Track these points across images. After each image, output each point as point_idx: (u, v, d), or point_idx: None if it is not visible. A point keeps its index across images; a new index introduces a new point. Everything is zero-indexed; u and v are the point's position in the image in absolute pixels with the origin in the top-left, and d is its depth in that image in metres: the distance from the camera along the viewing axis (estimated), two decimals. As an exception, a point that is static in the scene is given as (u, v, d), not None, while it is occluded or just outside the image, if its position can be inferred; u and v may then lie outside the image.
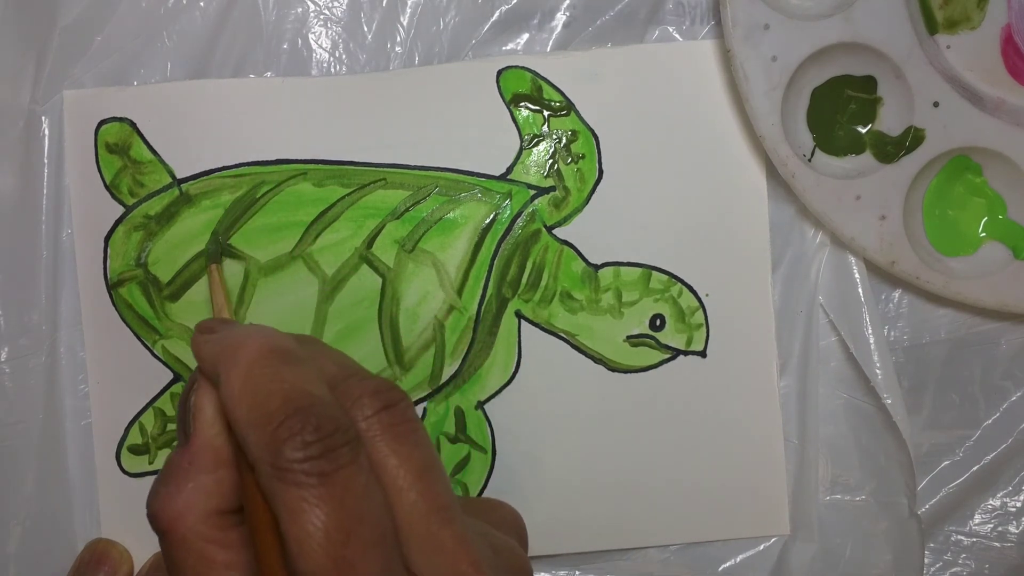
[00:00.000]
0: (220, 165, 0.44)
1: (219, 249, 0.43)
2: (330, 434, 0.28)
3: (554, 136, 0.44)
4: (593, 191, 0.44)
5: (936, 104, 0.42)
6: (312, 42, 0.44)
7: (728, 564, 0.45)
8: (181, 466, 0.30)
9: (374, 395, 0.30)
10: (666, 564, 0.45)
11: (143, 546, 0.44)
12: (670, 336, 0.45)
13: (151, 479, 0.44)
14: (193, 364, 0.43)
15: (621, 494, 0.45)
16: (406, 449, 0.30)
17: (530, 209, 0.44)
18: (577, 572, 0.45)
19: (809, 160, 0.43)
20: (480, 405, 0.44)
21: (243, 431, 0.28)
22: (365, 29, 0.44)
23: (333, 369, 0.31)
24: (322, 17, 0.44)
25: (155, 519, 0.30)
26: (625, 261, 0.44)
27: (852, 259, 0.44)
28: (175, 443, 0.43)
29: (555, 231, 0.44)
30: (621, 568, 0.45)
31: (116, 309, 0.44)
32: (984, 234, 0.44)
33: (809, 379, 0.44)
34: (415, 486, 0.29)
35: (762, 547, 0.45)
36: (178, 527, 0.29)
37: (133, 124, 0.43)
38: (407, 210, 0.44)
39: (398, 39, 0.44)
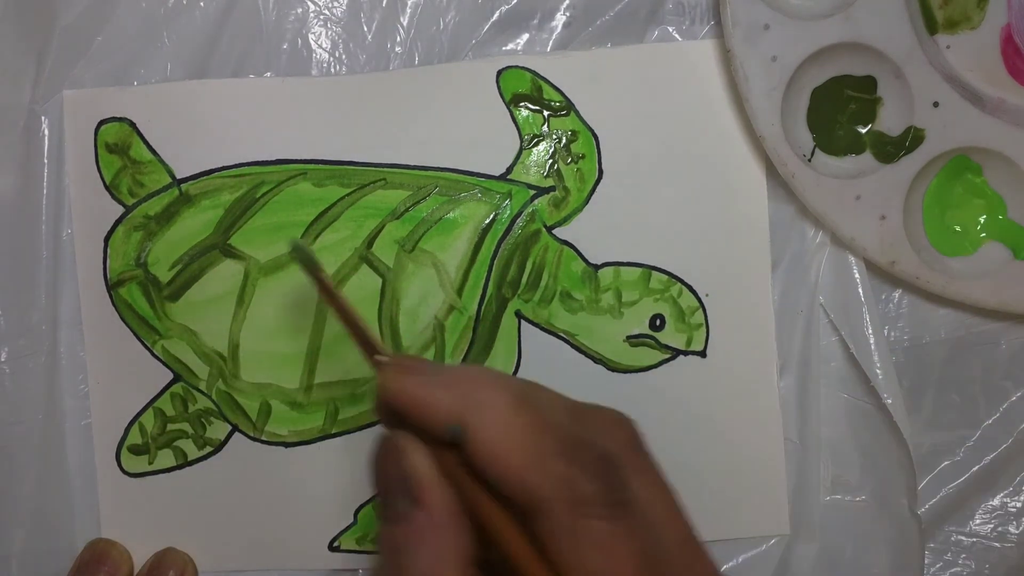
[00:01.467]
0: (220, 165, 0.44)
1: (310, 253, 0.37)
2: (614, 462, 0.27)
3: (554, 136, 0.44)
4: (593, 191, 0.44)
5: (936, 104, 0.42)
6: (312, 42, 0.44)
7: (729, 564, 0.45)
8: (418, 533, 0.28)
9: (616, 426, 0.30)
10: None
11: (143, 546, 0.44)
12: (670, 336, 0.45)
13: (151, 479, 0.44)
14: (192, 364, 0.44)
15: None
16: (658, 479, 0.29)
17: (530, 209, 0.44)
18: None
19: (809, 160, 0.43)
20: (480, 405, 0.44)
21: (519, 475, 0.27)
22: (365, 29, 0.44)
23: (562, 409, 0.30)
24: (322, 17, 0.44)
25: None
26: (625, 261, 0.44)
27: (852, 259, 0.44)
28: (176, 442, 0.44)
29: (555, 231, 0.44)
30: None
31: (116, 309, 0.44)
32: (984, 234, 0.44)
33: (810, 379, 0.44)
34: (676, 517, 0.29)
35: (763, 547, 0.45)
36: None
37: (133, 124, 0.43)
38: (407, 210, 0.44)
39: (398, 39, 0.44)
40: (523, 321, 0.44)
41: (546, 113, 0.44)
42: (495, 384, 0.29)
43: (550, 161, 0.44)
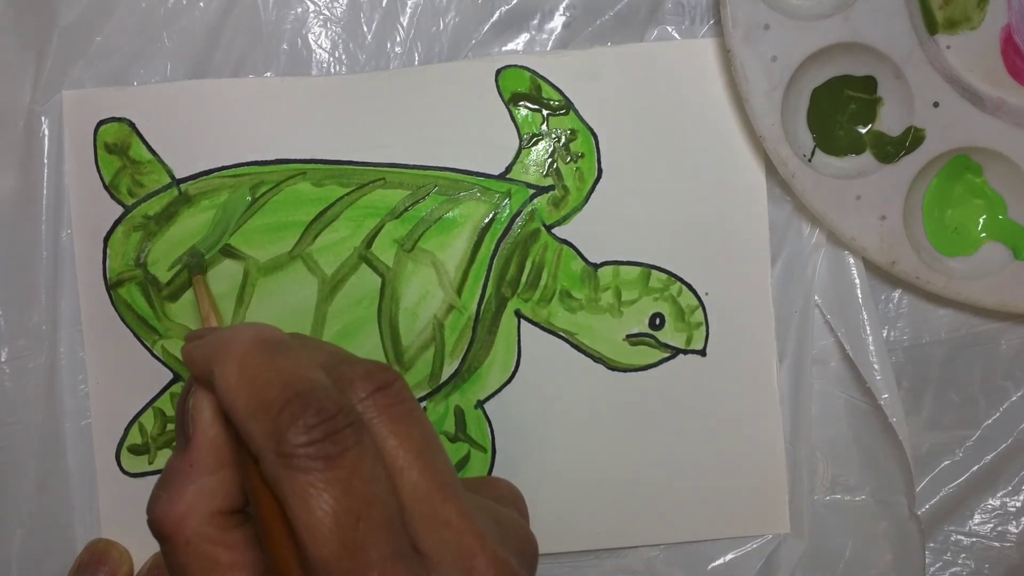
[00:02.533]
0: (219, 165, 0.44)
1: (201, 261, 0.43)
2: (332, 416, 0.27)
3: (553, 135, 0.44)
4: (592, 190, 0.44)
5: (936, 104, 0.42)
6: (312, 42, 0.44)
7: (729, 563, 0.45)
8: (182, 469, 0.30)
9: (366, 377, 0.30)
10: (659, 562, 0.45)
11: (143, 546, 0.44)
12: (669, 335, 0.45)
13: (151, 479, 0.44)
14: (192, 364, 0.43)
15: (621, 493, 0.45)
16: (404, 428, 0.29)
17: (529, 208, 0.44)
18: (575, 570, 0.45)
19: (809, 160, 0.43)
20: (480, 404, 0.44)
21: (244, 422, 0.28)
22: (365, 29, 0.44)
23: (323, 357, 0.31)
24: (322, 17, 0.44)
25: (157, 524, 0.30)
26: (624, 260, 0.44)
27: (850, 258, 0.44)
28: (174, 444, 0.44)
29: (554, 230, 0.44)
30: (618, 567, 0.45)
31: (116, 309, 0.44)
32: (984, 234, 0.44)
33: (803, 378, 0.44)
34: (416, 464, 0.29)
35: (762, 546, 0.45)
36: (181, 531, 0.29)
37: (132, 124, 0.43)
38: (406, 209, 0.44)
39: (398, 39, 0.44)
40: (523, 320, 0.44)
41: (545, 112, 0.44)
42: (243, 336, 0.30)
43: (549, 160, 0.44)
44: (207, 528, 0.29)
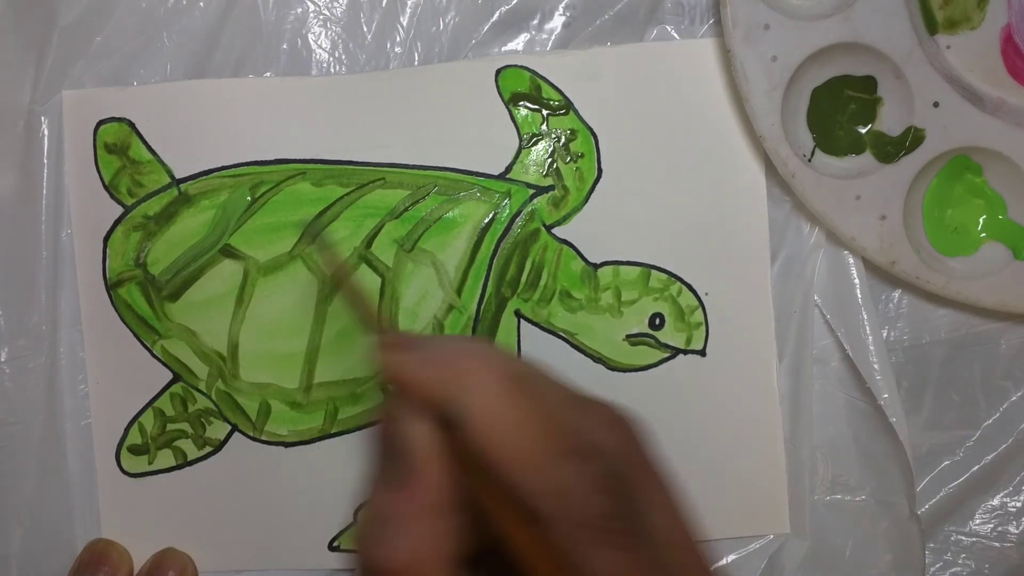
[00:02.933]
0: (219, 165, 0.44)
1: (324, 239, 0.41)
2: (624, 479, 0.25)
3: (553, 135, 0.44)
4: (592, 190, 0.44)
5: (936, 104, 0.42)
6: (312, 42, 0.44)
7: (729, 563, 0.45)
8: (404, 510, 0.27)
9: (611, 425, 0.27)
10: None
11: (143, 546, 0.44)
12: (669, 335, 0.44)
13: (151, 479, 0.44)
14: (191, 364, 0.44)
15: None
16: (665, 494, 0.27)
17: (529, 208, 0.44)
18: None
19: (809, 160, 0.43)
20: (480, 404, 0.44)
21: (516, 475, 0.25)
22: (365, 29, 0.44)
23: (564, 392, 0.28)
24: (322, 17, 0.44)
25: (382, 572, 0.26)
26: (624, 260, 0.44)
27: (850, 258, 0.44)
28: (176, 442, 0.44)
29: (554, 230, 0.44)
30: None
31: (115, 309, 0.44)
32: (984, 234, 0.44)
33: (803, 378, 0.44)
34: (684, 538, 0.27)
35: (763, 546, 0.45)
36: None
37: (132, 124, 0.44)
38: (406, 210, 0.44)
39: (398, 39, 0.44)
40: (522, 320, 0.44)
41: (545, 112, 0.44)
42: (488, 364, 0.27)
43: (549, 160, 0.44)
44: None
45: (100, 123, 0.44)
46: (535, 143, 0.44)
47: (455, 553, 0.27)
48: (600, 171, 0.44)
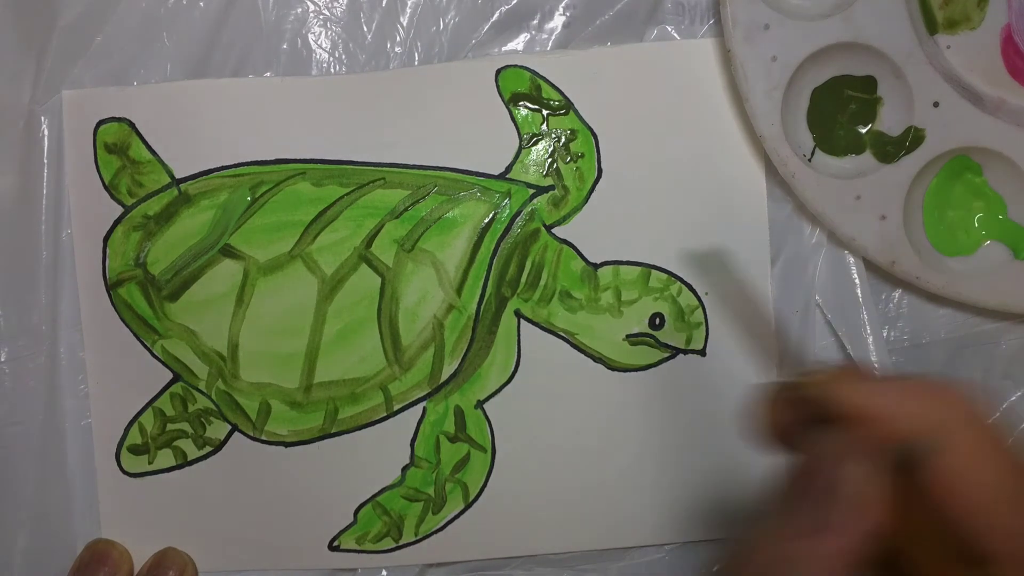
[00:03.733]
0: (219, 165, 0.44)
1: None
2: None
3: (553, 135, 0.44)
4: (592, 190, 0.44)
5: (936, 104, 0.42)
6: (312, 42, 0.44)
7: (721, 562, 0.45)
8: (819, 558, 0.24)
9: None
10: (661, 563, 0.45)
11: (143, 546, 0.44)
12: (669, 335, 0.44)
13: (151, 479, 0.44)
14: (191, 363, 0.44)
15: (621, 493, 0.45)
16: None
17: (529, 208, 0.44)
18: (576, 571, 0.45)
19: (809, 160, 0.43)
20: (480, 404, 0.44)
21: (978, 518, 0.24)
22: (365, 29, 0.44)
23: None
24: (322, 17, 0.44)
25: None
26: (624, 260, 0.44)
27: (851, 258, 0.44)
28: (176, 442, 0.44)
29: (554, 230, 0.44)
30: (620, 567, 0.45)
31: (115, 309, 0.44)
32: (984, 234, 0.44)
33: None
34: None
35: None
36: None
37: (132, 124, 0.44)
38: (406, 209, 0.44)
39: (398, 39, 0.44)
40: (522, 320, 0.44)
41: (545, 112, 0.44)
42: (967, 401, 0.25)
43: (549, 160, 0.44)
44: None
45: (100, 123, 0.44)
46: (535, 143, 0.44)
47: None
48: (600, 171, 0.44)
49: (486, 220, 0.44)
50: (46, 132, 0.43)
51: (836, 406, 0.25)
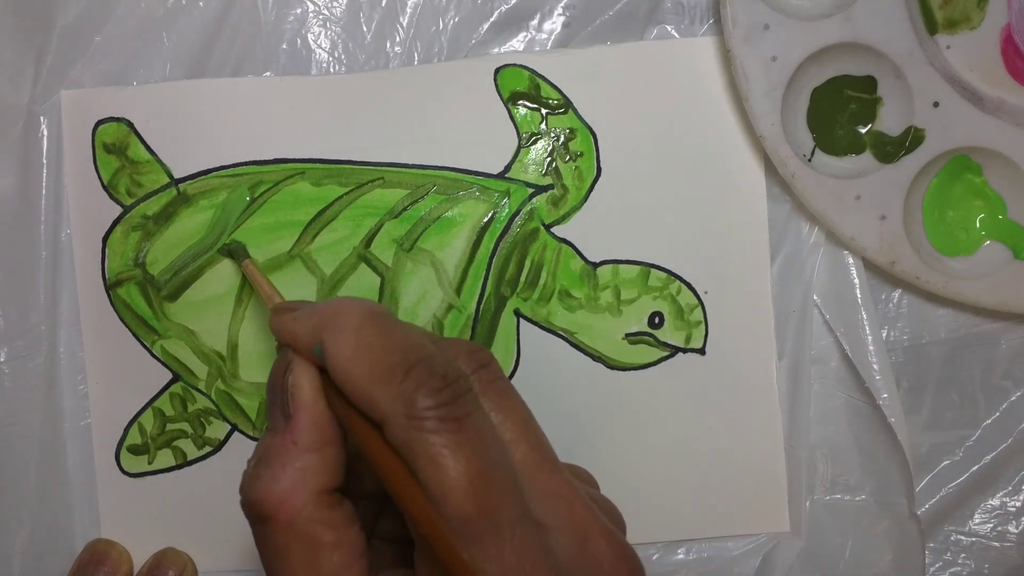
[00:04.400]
0: (218, 165, 0.44)
1: (243, 248, 0.43)
2: (455, 380, 0.28)
3: (552, 134, 0.44)
4: (591, 189, 0.44)
5: (936, 104, 0.42)
6: (311, 42, 0.44)
7: (728, 563, 0.45)
8: (283, 447, 0.30)
9: (469, 355, 0.30)
10: (658, 561, 0.45)
11: (143, 546, 0.44)
12: (669, 334, 0.44)
13: (151, 479, 0.44)
14: (191, 363, 0.44)
15: (620, 491, 0.44)
16: (508, 403, 0.30)
17: (528, 207, 0.44)
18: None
19: (809, 160, 0.43)
20: (479, 404, 0.44)
21: (365, 389, 0.28)
22: (364, 29, 0.44)
23: (425, 331, 0.31)
24: (321, 17, 0.44)
25: (257, 505, 0.29)
26: (624, 259, 0.44)
27: (850, 258, 0.44)
28: (176, 442, 0.44)
29: (553, 229, 0.44)
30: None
31: (114, 309, 0.44)
32: (984, 234, 0.44)
33: (802, 378, 0.44)
34: (523, 437, 0.30)
35: (762, 546, 0.45)
36: (284, 511, 0.29)
37: (130, 124, 0.43)
38: (405, 209, 0.44)
39: (397, 39, 0.44)
40: (522, 319, 0.44)
41: (544, 111, 0.44)
42: (351, 307, 0.30)
43: (548, 159, 0.44)
44: (311, 508, 0.29)
45: (99, 123, 0.43)
46: (534, 142, 0.44)
47: (328, 486, 0.30)
48: (599, 170, 0.44)
49: (485, 219, 0.44)
50: (45, 132, 0.43)
51: (276, 336, 0.32)
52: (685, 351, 0.45)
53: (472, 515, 0.27)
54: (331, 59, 0.44)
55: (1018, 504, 0.45)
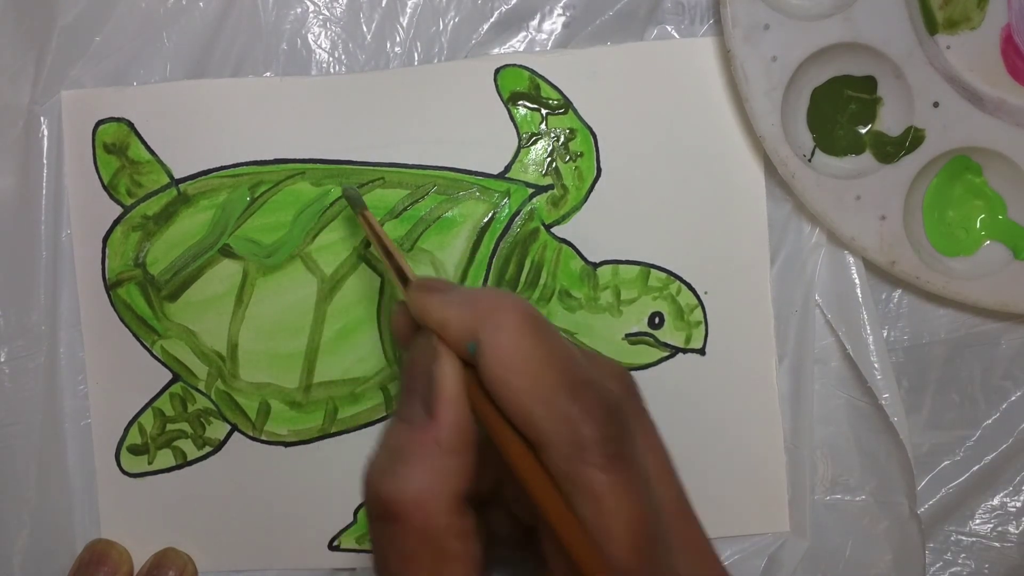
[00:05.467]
0: (218, 165, 0.44)
1: (358, 194, 0.41)
2: (617, 410, 0.27)
3: (552, 134, 0.44)
4: (591, 189, 0.44)
5: (936, 104, 0.42)
6: (311, 42, 0.44)
7: (728, 563, 0.45)
8: (423, 444, 0.28)
9: (618, 377, 0.29)
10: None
11: (143, 546, 0.44)
12: (669, 334, 0.44)
13: (151, 479, 0.44)
14: (191, 364, 0.44)
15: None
16: (654, 440, 0.29)
17: (528, 207, 0.44)
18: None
19: (809, 160, 0.43)
20: (479, 404, 0.44)
21: (525, 405, 0.27)
22: (364, 29, 0.44)
23: (572, 344, 0.30)
24: (321, 17, 0.44)
25: (390, 503, 0.27)
26: (624, 259, 0.44)
27: (850, 258, 0.44)
28: (176, 442, 0.44)
29: (553, 229, 0.44)
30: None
31: (115, 309, 0.44)
32: (984, 234, 0.44)
33: (803, 378, 0.44)
34: (670, 480, 0.29)
35: (762, 546, 0.45)
36: (419, 514, 0.27)
37: (131, 124, 0.44)
38: (405, 209, 0.44)
39: (397, 39, 0.44)
40: (522, 320, 0.44)
41: (544, 111, 0.44)
42: (512, 306, 0.28)
43: (548, 159, 0.44)
44: (446, 515, 0.27)
45: (99, 123, 0.44)
46: (534, 142, 0.44)
47: (463, 493, 0.28)
48: (599, 170, 0.44)
49: (485, 219, 0.44)
50: (45, 132, 0.43)
51: (416, 316, 0.30)
52: (685, 351, 0.45)
53: (631, 565, 0.25)
54: (331, 59, 0.44)
55: (1018, 504, 0.45)
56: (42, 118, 0.43)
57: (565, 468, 0.26)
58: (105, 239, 0.44)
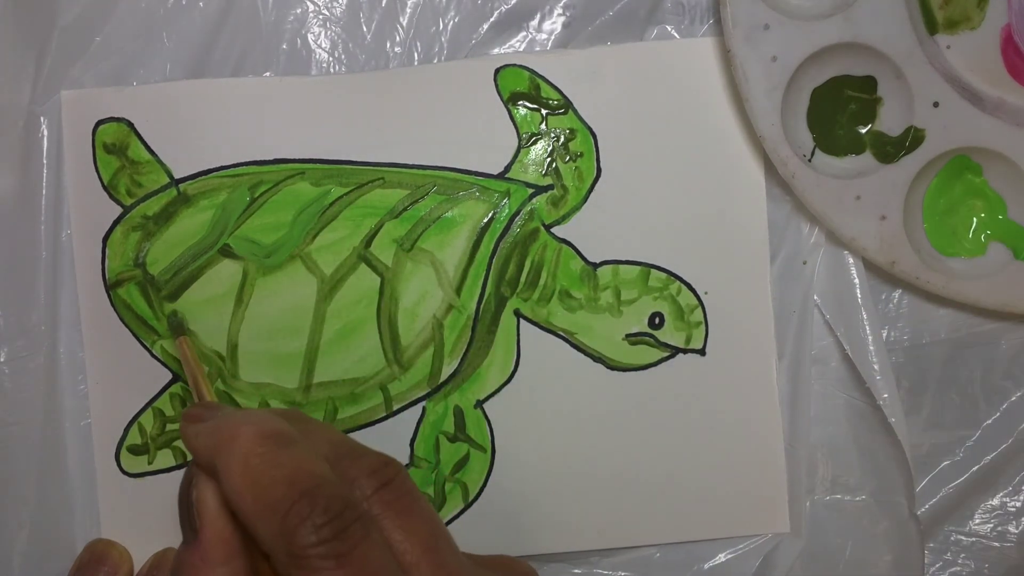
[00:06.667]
0: (218, 165, 0.44)
1: (182, 321, 0.44)
2: (339, 514, 0.28)
3: (552, 134, 0.44)
4: (591, 189, 0.44)
5: (936, 104, 0.42)
6: (311, 42, 0.44)
7: (728, 563, 0.45)
8: (193, 564, 0.30)
9: (372, 474, 0.30)
10: (657, 562, 0.45)
11: (143, 546, 0.44)
12: (669, 334, 0.44)
13: (151, 479, 0.44)
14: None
15: (620, 492, 0.45)
16: (411, 523, 0.30)
17: (528, 208, 0.44)
18: (575, 570, 0.45)
19: (809, 160, 0.43)
20: (479, 404, 0.44)
21: (251, 522, 0.28)
22: (364, 29, 0.44)
23: (326, 448, 0.31)
24: (321, 17, 0.44)
25: None
26: (624, 259, 0.44)
27: (850, 258, 0.44)
28: (176, 442, 0.44)
29: (553, 229, 0.44)
30: (617, 566, 0.45)
31: (115, 309, 0.44)
32: (984, 234, 0.44)
33: (802, 378, 0.44)
34: (425, 559, 0.29)
35: (762, 546, 0.45)
36: None
37: (131, 124, 0.43)
38: (405, 209, 0.44)
39: (397, 39, 0.44)
40: (522, 320, 0.44)
41: (544, 111, 0.44)
42: (247, 431, 0.30)
43: (548, 159, 0.44)
44: None
45: (99, 123, 0.43)
46: (534, 142, 0.44)
47: None
48: (599, 170, 0.44)
49: (485, 220, 0.44)
50: (45, 132, 0.43)
51: (183, 443, 0.32)
52: (685, 351, 0.45)
53: None
54: (331, 59, 0.44)
55: (1018, 504, 0.45)
56: (42, 118, 0.43)
57: (286, 574, 0.28)
58: (105, 239, 0.44)
